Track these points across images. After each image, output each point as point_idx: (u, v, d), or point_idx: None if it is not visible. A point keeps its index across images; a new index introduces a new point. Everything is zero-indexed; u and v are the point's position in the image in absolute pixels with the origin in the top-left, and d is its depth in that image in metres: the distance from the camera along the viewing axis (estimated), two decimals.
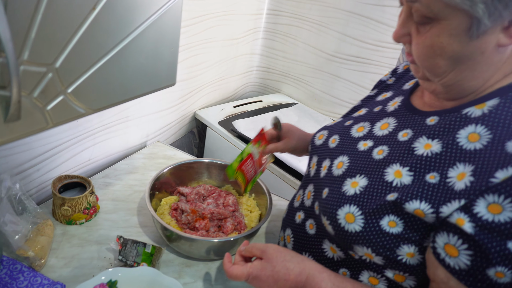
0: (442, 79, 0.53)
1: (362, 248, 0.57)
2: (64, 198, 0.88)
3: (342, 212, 0.58)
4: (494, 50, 0.48)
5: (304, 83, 1.83)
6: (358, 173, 0.61)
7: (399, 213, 0.53)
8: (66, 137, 1.00)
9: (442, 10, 0.46)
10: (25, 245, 0.76)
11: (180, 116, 1.51)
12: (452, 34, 0.47)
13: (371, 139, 0.65)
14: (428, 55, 0.51)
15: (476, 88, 0.53)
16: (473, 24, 0.46)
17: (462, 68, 0.51)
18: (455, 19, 0.46)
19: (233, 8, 1.53)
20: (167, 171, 0.99)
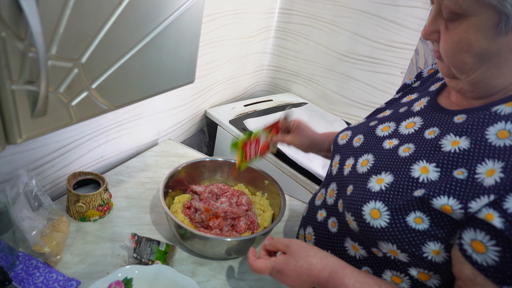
0: (469, 76, 0.53)
1: (387, 245, 0.57)
2: (79, 194, 0.88)
3: (368, 208, 0.58)
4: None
5: (315, 83, 1.82)
6: (384, 170, 0.61)
7: (426, 210, 0.53)
8: (80, 133, 1.01)
9: (471, 5, 0.47)
10: (41, 241, 0.77)
11: (191, 115, 1.51)
12: (480, 30, 0.48)
13: (396, 137, 0.65)
14: (455, 51, 0.51)
15: (504, 87, 0.53)
16: (502, 20, 0.46)
17: (489, 65, 0.51)
18: (484, 15, 0.47)
19: (246, 6, 1.52)
20: (181, 169, 0.99)
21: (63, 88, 0.45)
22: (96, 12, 0.45)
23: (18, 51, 0.39)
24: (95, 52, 0.47)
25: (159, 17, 0.55)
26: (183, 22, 0.61)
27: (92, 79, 0.49)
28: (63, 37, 0.42)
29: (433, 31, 0.54)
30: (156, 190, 1.08)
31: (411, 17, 1.43)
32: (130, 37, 0.52)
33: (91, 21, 0.45)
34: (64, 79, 0.45)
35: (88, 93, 0.49)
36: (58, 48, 0.42)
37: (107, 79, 0.51)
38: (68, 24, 0.42)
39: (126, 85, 0.55)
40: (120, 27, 0.49)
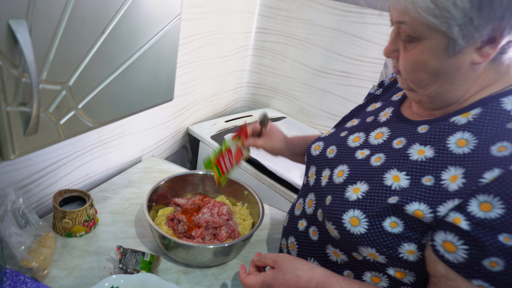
0: (426, 90, 0.60)
1: (367, 249, 0.62)
2: (65, 211, 0.92)
3: (347, 216, 0.63)
4: (469, 67, 0.55)
5: (292, 97, 1.90)
6: (359, 180, 0.66)
7: (400, 215, 0.58)
8: (65, 152, 1.04)
9: (424, 31, 0.54)
10: (29, 256, 0.79)
11: (173, 132, 1.55)
12: (433, 51, 0.54)
13: (367, 148, 0.70)
14: (413, 69, 0.58)
15: (456, 99, 0.60)
16: (450, 44, 0.53)
17: (441, 82, 0.57)
18: (435, 39, 0.53)
19: (224, 27, 1.60)
20: (164, 183, 1.04)
21: (53, 108, 0.50)
22: (82, 40, 0.51)
23: (13, 77, 0.44)
24: (81, 75, 0.53)
25: (139, 43, 0.61)
26: (161, 45, 0.67)
27: (79, 99, 0.54)
28: (53, 63, 0.48)
29: (393, 50, 0.61)
30: (140, 205, 1.12)
31: (378, 33, 1.53)
32: (113, 61, 0.58)
33: (77, 48, 0.51)
34: (53, 100, 0.50)
35: (75, 112, 0.54)
36: (48, 73, 0.48)
37: (92, 99, 0.56)
38: (57, 51, 0.48)
39: (110, 104, 0.60)
40: (104, 52, 0.55)
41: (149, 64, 0.65)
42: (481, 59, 0.54)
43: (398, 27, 0.58)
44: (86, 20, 0.50)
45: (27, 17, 0.42)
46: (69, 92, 0.52)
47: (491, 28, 0.51)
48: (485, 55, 0.53)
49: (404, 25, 0.55)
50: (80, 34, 0.50)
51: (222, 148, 0.92)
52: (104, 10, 0.52)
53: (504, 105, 0.56)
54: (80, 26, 0.49)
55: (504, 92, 0.57)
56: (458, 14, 0.50)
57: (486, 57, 0.53)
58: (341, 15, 1.60)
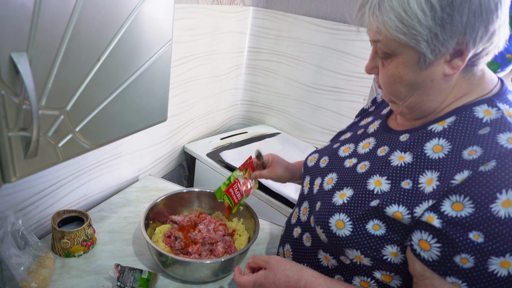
0: (405, 102, 0.64)
1: (352, 251, 0.65)
2: (64, 231, 0.94)
3: (333, 220, 0.66)
4: (441, 78, 0.60)
5: (286, 113, 1.94)
6: (345, 186, 0.70)
7: (381, 217, 0.62)
8: (63, 174, 1.07)
9: (397, 47, 0.58)
10: (28, 277, 0.81)
11: (170, 150, 1.58)
12: (407, 65, 0.59)
13: (355, 157, 0.75)
14: (391, 83, 0.63)
15: (434, 109, 0.64)
16: (421, 58, 0.57)
17: (418, 93, 0.62)
18: (408, 54, 0.58)
19: (216, 48, 1.65)
20: (160, 201, 1.06)
21: (51, 132, 0.53)
22: (79, 68, 0.54)
23: (14, 104, 0.47)
24: (78, 100, 0.56)
25: (132, 67, 0.65)
26: (154, 69, 0.70)
27: (76, 123, 0.57)
28: (51, 90, 0.51)
29: (373, 67, 0.66)
30: (138, 223, 1.14)
31: (366, 49, 1.58)
32: (108, 85, 0.61)
33: (74, 75, 0.54)
34: (52, 125, 0.53)
35: (72, 135, 0.57)
36: (47, 99, 0.51)
37: (88, 122, 0.59)
38: (55, 79, 0.51)
39: (106, 126, 0.63)
40: (99, 78, 0.59)
41: (143, 87, 0.69)
42: (452, 70, 0.58)
43: (375, 45, 0.63)
44: (82, 49, 0.54)
45: (27, 49, 0.46)
46: (67, 117, 0.55)
47: (456, 42, 0.55)
48: (455, 67, 0.58)
49: (379, 44, 0.60)
50: (77, 62, 0.54)
51: (230, 179, 0.96)
52: (99, 39, 0.56)
53: (476, 113, 0.60)
54: (77, 55, 0.53)
55: (477, 101, 0.61)
56: (423, 31, 0.54)
57: (456, 68, 0.58)
58: (329, 33, 1.65)
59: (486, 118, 0.58)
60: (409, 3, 0.54)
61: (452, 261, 0.54)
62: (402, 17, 0.55)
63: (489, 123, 0.58)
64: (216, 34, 1.61)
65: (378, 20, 0.58)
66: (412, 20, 0.54)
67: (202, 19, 1.47)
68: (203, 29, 1.50)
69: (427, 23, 0.54)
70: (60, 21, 0.49)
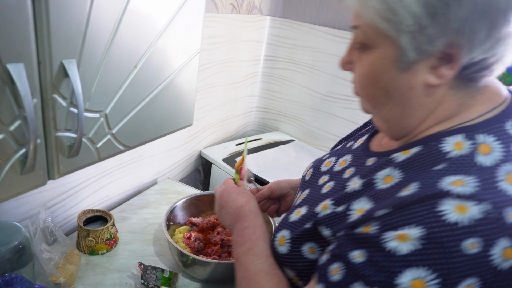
0: (380, 112, 0.53)
1: (288, 271, 0.59)
2: (89, 229, 0.98)
3: (279, 235, 0.61)
4: (423, 89, 0.48)
5: (300, 121, 1.97)
6: (305, 204, 0.62)
7: (318, 240, 0.55)
8: (88, 175, 1.11)
9: (375, 38, 0.48)
10: (57, 272, 0.85)
11: (187, 155, 1.62)
12: (383, 63, 0.48)
13: (329, 174, 0.66)
14: (365, 83, 0.52)
15: (411, 128, 0.52)
16: (400, 55, 0.46)
17: (394, 103, 0.50)
18: (386, 48, 0.47)
19: (234, 55, 1.70)
20: (180, 204, 1.09)
21: (92, 134, 0.57)
22: (118, 74, 0.58)
23: (62, 107, 0.51)
24: (116, 104, 0.60)
25: (164, 74, 0.69)
26: (183, 76, 0.74)
27: (113, 125, 0.61)
28: (94, 95, 0.55)
29: (348, 62, 0.54)
30: (157, 224, 1.17)
31: None
32: (142, 91, 0.65)
33: (114, 81, 0.58)
34: (93, 127, 0.57)
35: (109, 137, 0.61)
36: (90, 103, 0.55)
37: (123, 125, 0.63)
38: (97, 84, 0.55)
39: (138, 129, 0.67)
40: (135, 84, 0.63)
41: (173, 93, 0.73)
42: (437, 80, 0.46)
43: (355, 34, 0.52)
44: (122, 57, 0.58)
45: (77, 57, 0.50)
46: (105, 119, 0.59)
47: (447, 43, 0.44)
48: (441, 76, 0.46)
49: (358, 31, 0.50)
50: (117, 69, 0.58)
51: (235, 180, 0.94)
52: (137, 48, 0.60)
53: (442, 146, 0.47)
54: (117, 62, 0.57)
55: (455, 129, 0.48)
56: (408, 19, 0.43)
57: (442, 78, 0.46)
58: (345, 43, 1.68)
59: (453, 152, 0.46)
60: None
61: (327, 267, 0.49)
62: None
63: (450, 159, 0.46)
64: (235, 42, 1.66)
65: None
66: (398, 3, 0.43)
67: (221, 27, 1.51)
68: (222, 37, 1.55)
69: (415, 9, 0.43)
70: (106, 31, 0.53)
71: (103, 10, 0.51)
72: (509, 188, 0.41)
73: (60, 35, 0.47)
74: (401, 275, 0.41)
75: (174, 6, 0.64)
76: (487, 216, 0.40)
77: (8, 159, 0.46)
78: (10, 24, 0.41)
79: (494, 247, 0.39)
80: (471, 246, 0.39)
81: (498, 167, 0.43)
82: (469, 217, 0.40)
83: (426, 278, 0.40)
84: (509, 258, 0.40)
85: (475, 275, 0.39)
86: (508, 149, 0.44)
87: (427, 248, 0.40)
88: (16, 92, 0.43)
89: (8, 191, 0.47)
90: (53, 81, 0.48)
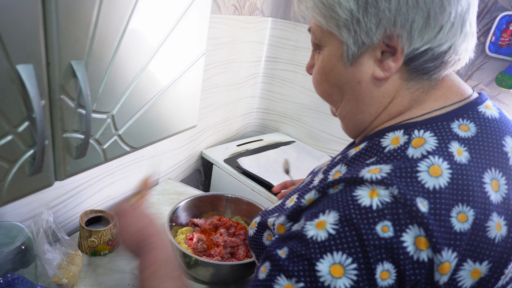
0: (337, 109, 0.55)
1: (252, 254, 0.65)
2: (91, 230, 0.97)
3: (254, 220, 0.65)
4: (371, 82, 0.49)
5: (301, 122, 1.97)
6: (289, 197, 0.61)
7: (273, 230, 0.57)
8: (90, 175, 1.11)
9: (322, 36, 0.51)
10: (60, 272, 0.85)
11: (188, 155, 1.62)
12: (331, 59, 0.50)
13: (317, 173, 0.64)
14: (318, 81, 0.54)
15: (365, 125, 0.53)
16: (345, 50, 0.48)
17: (347, 98, 0.52)
18: (332, 45, 0.50)
19: (236, 56, 1.70)
20: (183, 204, 1.09)
21: (98, 135, 0.57)
22: (125, 75, 0.58)
23: (70, 108, 0.51)
24: (123, 105, 0.60)
25: (170, 76, 0.69)
26: (188, 78, 0.74)
27: (119, 126, 0.61)
28: (101, 96, 0.55)
29: (311, 65, 0.56)
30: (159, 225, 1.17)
31: None
32: (149, 92, 0.65)
33: (121, 83, 0.58)
34: (100, 128, 0.57)
35: (116, 138, 0.61)
36: (97, 104, 0.55)
37: (130, 126, 0.63)
38: (105, 86, 0.55)
39: (144, 130, 0.67)
40: (142, 85, 0.63)
41: (178, 94, 0.73)
42: (383, 73, 0.48)
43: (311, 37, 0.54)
44: (129, 58, 0.58)
45: (85, 58, 0.50)
46: (112, 120, 0.59)
47: (384, 34, 0.45)
48: (387, 68, 0.47)
49: (311, 33, 0.53)
50: (124, 70, 0.58)
51: None
52: (145, 49, 0.60)
53: (382, 141, 0.48)
54: (125, 64, 0.57)
55: (397, 125, 0.49)
56: (343, 14, 0.46)
57: (388, 71, 0.47)
58: None
59: (389, 147, 0.46)
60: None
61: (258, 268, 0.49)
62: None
63: (383, 152, 0.46)
64: (236, 43, 1.66)
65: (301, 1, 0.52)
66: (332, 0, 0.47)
67: (223, 29, 1.51)
68: (224, 38, 1.55)
69: (347, 4, 0.45)
70: (114, 32, 0.53)
71: (111, 12, 0.51)
72: (428, 179, 0.42)
73: (69, 36, 0.47)
74: (320, 262, 0.41)
75: (181, 8, 0.64)
76: (394, 201, 0.41)
77: (17, 161, 0.46)
78: (21, 25, 0.41)
79: (406, 234, 0.40)
80: (384, 230, 0.40)
81: (423, 159, 0.43)
82: (378, 200, 0.41)
83: (344, 262, 0.41)
84: (422, 249, 0.40)
85: (389, 260, 0.40)
86: (441, 144, 0.44)
87: (341, 231, 0.41)
88: (25, 93, 0.43)
89: (16, 192, 0.47)
90: (61, 82, 0.48)
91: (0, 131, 0.43)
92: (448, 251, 0.41)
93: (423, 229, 0.40)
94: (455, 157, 0.43)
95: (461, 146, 0.44)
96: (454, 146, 0.44)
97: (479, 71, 1.40)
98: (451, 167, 0.42)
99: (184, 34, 0.68)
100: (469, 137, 0.45)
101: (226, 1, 1.47)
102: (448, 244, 0.40)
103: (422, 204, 0.40)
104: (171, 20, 0.63)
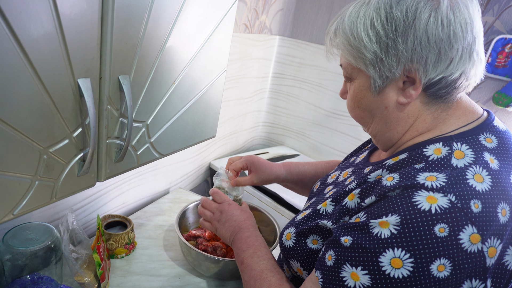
0: (368, 129, 0.65)
1: (294, 263, 0.67)
2: (111, 233, 1.03)
3: (286, 232, 0.70)
4: (396, 107, 0.58)
5: (305, 136, 2.04)
6: (310, 207, 0.70)
7: (320, 233, 0.63)
8: (108, 182, 1.17)
9: (352, 71, 0.60)
10: (83, 271, 0.90)
11: (197, 166, 1.68)
12: (362, 89, 0.60)
13: (333, 184, 0.75)
14: (351, 107, 0.63)
15: (395, 140, 0.62)
16: (372, 82, 0.58)
17: (377, 120, 0.61)
18: (361, 78, 0.59)
19: (245, 72, 1.78)
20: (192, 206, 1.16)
21: (135, 142, 0.64)
22: (160, 88, 0.65)
23: (114, 117, 0.57)
24: (156, 116, 0.67)
25: (196, 90, 0.76)
26: (210, 92, 0.81)
27: (152, 135, 0.67)
28: (140, 107, 0.62)
29: (344, 92, 0.67)
30: (172, 231, 1.22)
31: None
32: (177, 105, 0.72)
33: (156, 95, 0.65)
34: (136, 135, 0.64)
35: (148, 145, 0.67)
36: (136, 114, 0.62)
37: (160, 135, 0.70)
38: (143, 98, 0.62)
39: (172, 139, 0.74)
40: (172, 98, 0.69)
41: (202, 107, 0.79)
42: (406, 99, 0.56)
43: (343, 70, 0.64)
44: (164, 74, 0.65)
45: (130, 73, 0.57)
46: (146, 129, 0.65)
47: (403, 69, 0.54)
48: (408, 95, 0.56)
49: (343, 68, 0.63)
50: (159, 84, 0.64)
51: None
52: (177, 65, 0.67)
53: (425, 151, 0.56)
54: (160, 79, 0.64)
55: (434, 139, 0.57)
56: (369, 55, 0.55)
57: (410, 97, 0.56)
58: None
59: (433, 156, 0.54)
60: (357, 28, 0.56)
61: (324, 256, 0.56)
62: (350, 40, 0.57)
63: (429, 160, 0.54)
64: (246, 60, 1.74)
65: (333, 43, 0.61)
66: (359, 44, 0.56)
67: (235, 46, 1.60)
68: (235, 55, 1.63)
69: (372, 47, 0.55)
70: (154, 51, 0.60)
71: (154, 33, 0.58)
72: (477, 184, 0.50)
73: (119, 54, 0.54)
74: (383, 255, 0.49)
75: (209, 29, 0.72)
76: (451, 206, 0.48)
77: (70, 161, 0.52)
78: (83, 44, 0.48)
79: (462, 233, 0.47)
80: (440, 230, 0.47)
81: (468, 168, 0.52)
82: (437, 205, 0.48)
83: (403, 257, 0.48)
84: (475, 243, 0.48)
85: (445, 257, 0.47)
86: (477, 155, 0.53)
87: (401, 232, 0.49)
88: (82, 103, 0.50)
89: (66, 190, 0.53)
90: (109, 94, 0.55)
91: (60, 135, 0.49)
92: (494, 239, 0.48)
93: (475, 227, 0.47)
94: (490, 165, 0.52)
95: (491, 156, 0.54)
96: (487, 156, 0.53)
97: (477, 90, 1.48)
98: (489, 173, 0.51)
99: (210, 51, 0.75)
100: (494, 147, 0.55)
101: (238, 20, 1.55)
102: (495, 234, 0.49)
103: (476, 205, 0.48)
104: (200, 40, 0.71)
